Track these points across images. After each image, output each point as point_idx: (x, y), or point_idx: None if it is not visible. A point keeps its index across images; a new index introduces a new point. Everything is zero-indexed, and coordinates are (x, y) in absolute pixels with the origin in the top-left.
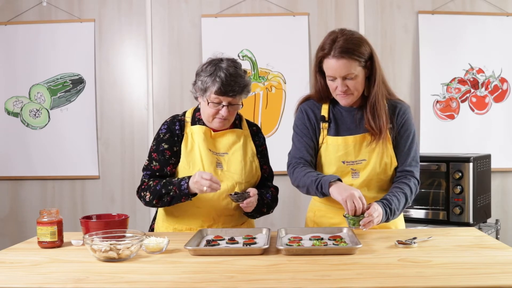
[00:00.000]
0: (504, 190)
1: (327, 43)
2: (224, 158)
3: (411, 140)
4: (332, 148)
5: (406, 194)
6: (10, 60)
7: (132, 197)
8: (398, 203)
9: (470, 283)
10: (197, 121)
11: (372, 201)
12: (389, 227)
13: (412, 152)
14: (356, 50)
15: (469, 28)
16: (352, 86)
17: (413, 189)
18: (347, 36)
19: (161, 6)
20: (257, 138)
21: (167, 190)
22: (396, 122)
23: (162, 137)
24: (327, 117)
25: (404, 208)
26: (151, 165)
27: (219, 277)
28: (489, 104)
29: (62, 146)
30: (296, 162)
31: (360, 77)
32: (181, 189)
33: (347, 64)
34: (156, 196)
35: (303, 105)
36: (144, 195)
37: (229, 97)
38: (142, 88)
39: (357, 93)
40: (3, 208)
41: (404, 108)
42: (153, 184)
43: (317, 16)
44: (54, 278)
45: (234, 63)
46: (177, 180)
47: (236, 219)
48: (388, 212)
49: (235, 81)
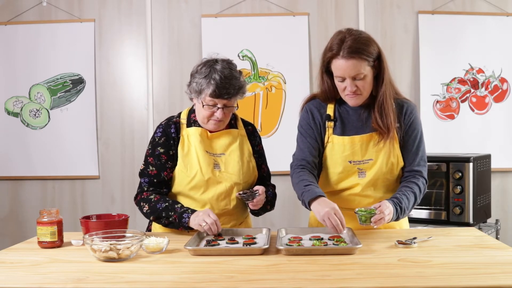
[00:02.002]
0: (504, 190)
1: (335, 44)
2: (221, 159)
3: (419, 140)
4: (338, 148)
5: (415, 193)
6: (10, 60)
7: (132, 197)
8: (408, 202)
9: (470, 283)
10: (193, 123)
11: (378, 201)
12: (394, 227)
13: (420, 152)
14: (365, 50)
15: (469, 28)
16: (362, 86)
17: (422, 188)
18: (355, 36)
19: (161, 6)
20: (253, 138)
21: (167, 215)
22: (403, 122)
23: (158, 141)
24: (332, 116)
25: (413, 207)
26: (147, 169)
27: (219, 277)
28: (489, 104)
29: (62, 146)
30: (297, 165)
31: (369, 77)
32: (181, 221)
33: (357, 64)
34: (155, 214)
35: (308, 105)
36: (143, 205)
37: (224, 100)
38: (142, 88)
39: (366, 93)
40: (3, 208)
41: (411, 108)
42: (154, 199)
43: (317, 16)
44: (54, 278)
45: (229, 65)
46: (179, 209)
47: (235, 219)
48: (399, 211)
49: (230, 83)
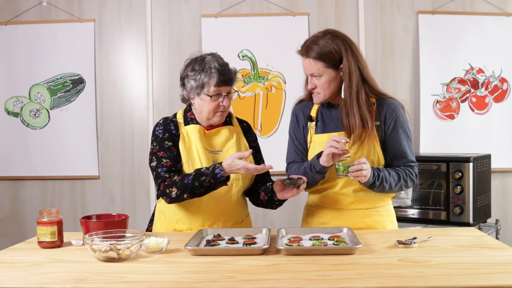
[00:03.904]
0: (504, 190)
1: (303, 43)
2: (219, 156)
3: (403, 136)
4: (318, 146)
5: (399, 175)
6: (10, 60)
7: (132, 197)
8: (388, 175)
9: (470, 283)
10: (190, 121)
11: (358, 200)
12: (384, 226)
13: (407, 149)
14: (319, 52)
15: (469, 28)
16: (318, 85)
17: (409, 174)
18: (318, 37)
19: (161, 6)
20: (249, 134)
21: (200, 182)
22: (385, 120)
23: (162, 136)
24: (314, 116)
25: (396, 188)
26: (161, 163)
27: (219, 277)
28: (489, 104)
29: (62, 146)
30: (287, 167)
31: (326, 78)
32: (216, 177)
33: (312, 64)
34: (187, 189)
35: (295, 108)
36: (170, 191)
37: (227, 87)
38: (142, 88)
39: (324, 92)
40: (3, 208)
41: (393, 106)
42: (178, 179)
43: (317, 16)
44: (54, 278)
45: (216, 56)
46: (207, 170)
47: (236, 216)
48: (376, 175)
49: (228, 69)
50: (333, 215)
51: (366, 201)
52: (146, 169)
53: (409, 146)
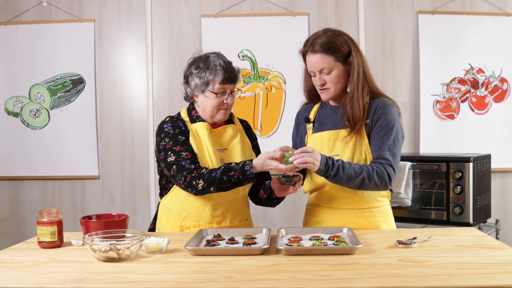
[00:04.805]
0: (504, 190)
1: (307, 40)
2: (224, 154)
3: (384, 133)
4: (312, 146)
5: (364, 168)
6: (10, 60)
7: (132, 197)
8: (348, 166)
9: (470, 283)
10: (196, 119)
11: (347, 201)
12: (381, 226)
13: (385, 146)
14: (330, 45)
15: (469, 28)
16: (329, 80)
17: (376, 170)
18: (325, 32)
19: (161, 6)
20: (250, 133)
21: (228, 176)
22: (373, 117)
23: (174, 132)
24: (312, 118)
25: (357, 181)
26: (181, 156)
27: (219, 277)
28: (489, 104)
29: (62, 146)
30: None
31: (336, 72)
32: (245, 174)
33: (322, 58)
34: (214, 183)
35: (298, 112)
36: (196, 183)
37: (231, 84)
38: (142, 88)
39: (334, 88)
40: (3, 208)
41: (382, 104)
42: (206, 171)
43: (317, 16)
44: (54, 278)
45: (220, 54)
46: (237, 166)
47: (242, 214)
48: (329, 163)
49: (232, 67)
50: (328, 214)
51: (361, 201)
52: (146, 169)
53: (389, 144)
